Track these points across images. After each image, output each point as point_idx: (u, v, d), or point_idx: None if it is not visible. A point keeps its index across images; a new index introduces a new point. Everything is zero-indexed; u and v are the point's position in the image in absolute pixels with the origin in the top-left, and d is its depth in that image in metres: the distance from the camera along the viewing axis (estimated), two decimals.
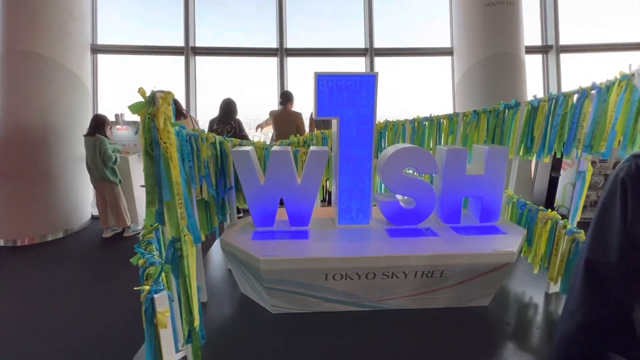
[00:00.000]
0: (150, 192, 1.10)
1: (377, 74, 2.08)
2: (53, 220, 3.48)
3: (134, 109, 1.01)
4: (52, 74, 3.54)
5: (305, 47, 5.11)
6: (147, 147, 1.06)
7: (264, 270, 1.84)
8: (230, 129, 3.61)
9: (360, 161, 2.23)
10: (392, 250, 1.93)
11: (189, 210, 1.15)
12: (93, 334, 1.97)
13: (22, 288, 2.53)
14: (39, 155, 3.40)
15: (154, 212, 1.11)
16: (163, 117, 1.03)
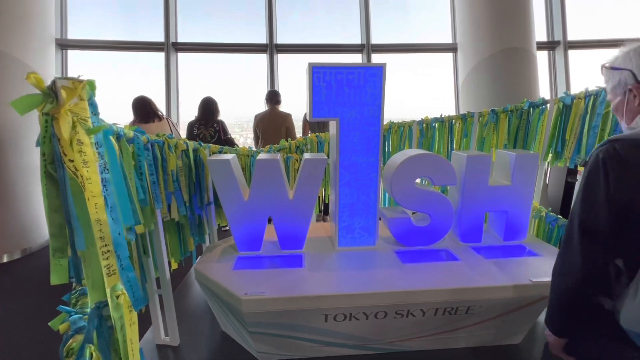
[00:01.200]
0: (56, 234, 0.71)
1: (384, 66, 1.71)
2: (9, 239, 3.02)
3: (21, 105, 0.62)
4: (7, 70, 3.09)
5: (297, 43, 4.74)
6: (48, 166, 0.67)
7: (246, 312, 1.45)
8: (213, 132, 3.21)
9: (364, 171, 1.85)
10: (407, 283, 1.55)
11: (124, 261, 0.76)
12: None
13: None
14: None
15: (65, 264, 0.72)
16: (69, 121, 0.64)
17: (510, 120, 2.21)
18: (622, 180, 0.73)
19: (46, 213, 0.70)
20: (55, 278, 0.72)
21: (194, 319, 2.05)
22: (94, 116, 0.74)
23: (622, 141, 0.76)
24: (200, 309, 2.15)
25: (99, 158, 0.74)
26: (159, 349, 1.78)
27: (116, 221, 0.79)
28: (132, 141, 1.34)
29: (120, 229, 0.81)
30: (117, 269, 0.75)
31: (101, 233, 0.71)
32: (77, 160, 0.65)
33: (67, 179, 0.65)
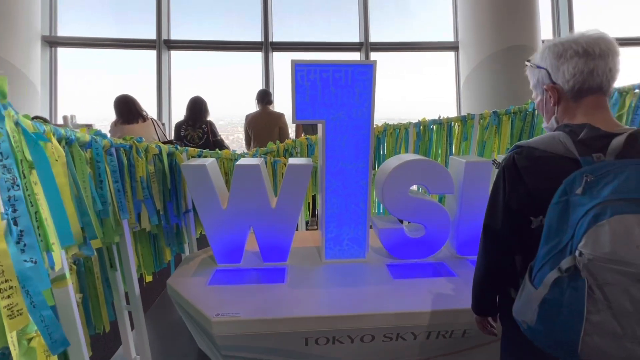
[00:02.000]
0: None
1: (374, 63, 1.56)
2: None
3: None
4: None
5: (293, 41, 4.59)
6: None
7: (217, 335, 1.31)
8: (201, 133, 3.07)
9: (352, 178, 1.70)
10: (397, 303, 1.41)
11: (34, 297, 0.62)
12: None
13: None
14: None
15: None
16: None
17: (514, 123, 2.06)
18: (515, 189, 0.80)
19: None
20: None
21: (170, 336, 1.92)
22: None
23: (523, 149, 0.80)
24: (178, 324, 2.01)
25: (1, 172, 0.61)
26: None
27: (30, 248, 0.65)
28: (89, 146, 1.20)
29: (37, 257, 0.67)
30: (24, 308, 0.61)
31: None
32: None
33: None
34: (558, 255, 0.66)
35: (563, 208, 0.67)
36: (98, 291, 1.37)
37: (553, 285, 0.65)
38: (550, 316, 0.66)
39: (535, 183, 0.77)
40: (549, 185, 0.71)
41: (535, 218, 0.78)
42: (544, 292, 0.66)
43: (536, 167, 0.77)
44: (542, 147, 0.78)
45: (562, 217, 0.67)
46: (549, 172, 0.75)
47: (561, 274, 0.63)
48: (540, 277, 0.69)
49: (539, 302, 0.67)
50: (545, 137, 0.79)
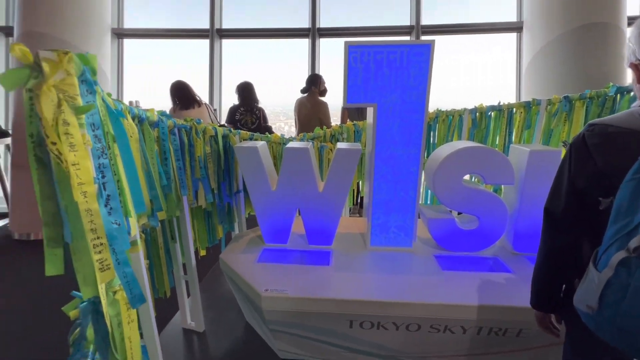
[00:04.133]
0: (49, 223, 0.66)
1: (432, 43, 1.48)
2: None
3: (7, 80, 0.56)
4: None
5: (340, 26, 4.51)
6: (36, 149, 0.61)
7: (266, 310, 1.37)
8: (255, 118, 3.16)
9: (403, 164, 1.65)
10: (447, 294, 1.35)
11: (120, 255, 0.70)
12: None
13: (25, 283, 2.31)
14: None
15: (59, 255, 0.67)
16: (53, 98, 0.57)
17: (589, 109, 1.83)
18: (583, 168, 0.76)
19: (38, 200, 0.65)
20: (50, 268, 0.67)
21: (220, 307, 2.05)
22: (90, 95, 0.67)
23: (595, 126, 0.76)
24: (227, 297, 2.14)
25: (94, 142, 0.67)
26: (185, 333, 1.80)
27: (115, 211, 0.73)
28: (156, 125, 1.30)
29: (119, 219, 0.74)
30: (111, 263, 0.68)
31: (92, 224, 0.64)
32: (62, 143, 0.58)
33: (52, 163, 0.58)
34: (627, 235, 0.60)
35: (636, 186, 0.61)
36: (161, 260, 1.50)
37: (619, 266, 0.60)
38: (615, 301, 0.61)
39: (606, 161, 0.72)
40: (623, 162, 0.66)
41: (605, 198, 0.72)
42: (609, 274, 0.61)
43: (608, 143, 0.73)
44: (617, 124, 0.73)
45: (634, 196, 0.61)
46: (623, 148, 0.70)
47: (629, 254, 0.58)
48: (605, 260, 0.63)
49: (603, 285, 0.62)
50: (623, 114, 0.75)
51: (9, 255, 2.85)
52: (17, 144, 3.18)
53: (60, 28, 3.24)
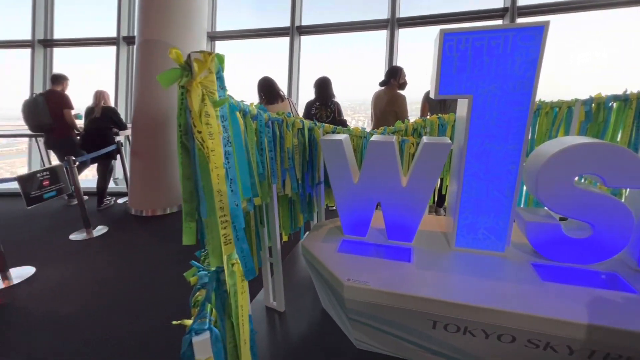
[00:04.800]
0: (187, 200, 0.78)
1: (546, 25, 1.31)
2: (171, 196, 3.86)
3: (164, 79, 0.67)
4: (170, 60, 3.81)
5: (422, 15, 4.29)
6: (182, 137, 0.73)
7: (348, 299, 1.41)
8: (329, 112, 3.24)
9: (499, 160, 1.51)
10: (551, 308, 1.21)
11: (239, 232, 0.79)
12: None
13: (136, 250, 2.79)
14: (162, 137, 3.77)
15: (194, 228, 0.79)
16: (199, 93, 0.66)
17: None
18: None
19: (180, 180, 0.77)
20: (186, 239, 0.80)
21: (298, 291, 2.17)
22: (221, 90, 0.77)
23: None
24: (304, 283, 2.25)
25: (222, 131, 0.77)
26: (267, 311, 1.95)
27: (235, 193, 0.82)
28: (255, 118, 1.41)
29: (238, 201, 0.84)
30: (232, 238, 0.78)
31: (221, 203, 0.74)
32: (204, 131, 0.67)
33: (196, 149, 0.68)
34: None
35: None
36: (252, 242, 1.65)
37: None
38: None
39: None
40: None
41: None
42: None
43: None
44: None
45: None
46: None
47: None
48: None
49: None
50: None
51: (126, 227, 3.44)
52: (136, 135, 3.80)
53: (168, 34, 3.74)
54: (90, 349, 1.70)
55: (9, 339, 1.78)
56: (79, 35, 5.48)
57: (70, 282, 2.34)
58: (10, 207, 4.13)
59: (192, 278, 0.98)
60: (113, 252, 2.83)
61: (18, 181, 2.49)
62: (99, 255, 2.77)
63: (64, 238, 3.12)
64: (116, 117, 3.95)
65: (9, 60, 5.78)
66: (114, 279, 2.36)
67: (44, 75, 5.50)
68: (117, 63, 5.23)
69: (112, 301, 2.10)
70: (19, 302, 2.12)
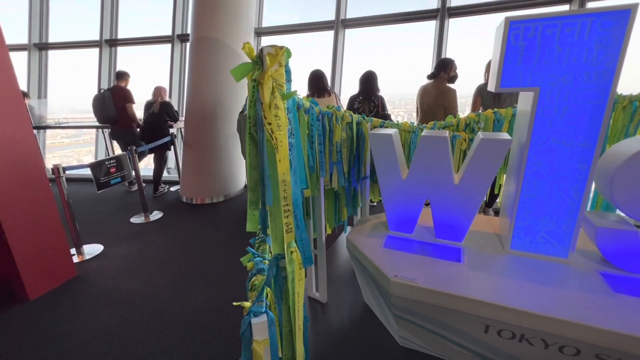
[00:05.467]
0: (253, 189, 0.82)
1: (635, 7, 1.17)
2: (218, 186, 4.07)
3: (237, 73, 0.71)
4: (225, 57, 3.99)
5: (475, 3, 4.03)
6: (251, 128, 0.76)
7: (394, 295, 1.39)
8: (372, 107, 3.19)
9: (567, 158, 1.39)
10: (625, 322, 1.10)
11: (299, 221, 0.81)
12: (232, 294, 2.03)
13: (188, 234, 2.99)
14: (211, 129, 3.97)
15: (257, 215, 0.83)
16: (270, 86, 0.69)
17: None
18: None
19: (247, 169, 0.81)
20: (250, 226, 0.84)
21: (340, 284, 2.19)
22: (288, 83, 0.79)
23: None
24: (345, 276, 2.27)
25: (288, 123, 0.79)
26: (310, 301, 1.99)
27: (297, 183, 0.85)
28: (307, 112, 1.44)
29: (298, 191, 0.86)
30: (293, 227, 0.80)
31: (285, 193, 0.76)
32: (274, 123, 0.70)
33: (265, 140, 0.71)
34: None
35: None
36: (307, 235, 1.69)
37: None
38: None
39: None
40: None
41: None
42: None
43: None
44: None
45: None
46: None
47: None
48: None
49: None
50: None
51: (179, 213, 3.69)
52: (188, 127, 4.04)
53: (218, 31, 3.91)
54: (150, 323, 1.86)
55: (79, 308, 2.01)
56: (139, 34, 5.93)
57: (133, 260, 2.58)
58: (81, 190, 4.63)
59: (248, 263, 1.03)
60: (168, 235, 3.07)
61: (90, 168, 2.77)
62: (157, 237, 3.02)
63: (126, 221, 3.44)
64: (170, 111, 4.23)
65: (78, 59, 6.43)
66: (171, 260, 2.56)
67: (109, 72, 6.03)
68: (172, 60, 5.58)
69: (172, 280, 2.28)
70: (90, 276, 2.38)
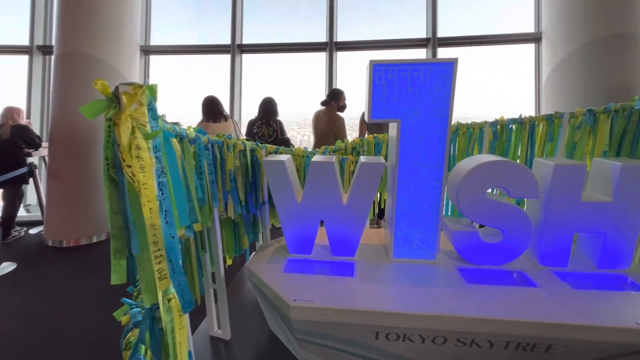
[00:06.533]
0: (116, 235, 0.73)
1: (455, 61, 1.53)
2: (98, 222, 3.48)
3: (89, 110, 0.64)
4: (102, 75, 3.53)
5: (357, 40, 4.61)
6: (110, 170, 0.69)
7: (294, 319, 1.41)
8: (272, 131, 3.27)
9: (426, 177, 1.69)
10: (474, 307, 1.36)
11: (175, 265, 0.76)
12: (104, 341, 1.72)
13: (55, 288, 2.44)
14: (87, 158, 3.41)
15: (124, 265, 0.74)
16: (129, 126, 0.64)
17: (614, 122, 1.83)
18: None
19: (108, 215, 0.73)
20: (115, 278, 0.74)
21: (244, 316, 2.10)
22: (153, 121, 0.75)
23: None
24: (250, 306, 2.19)
25: (156, 162, 0.75)
26: (212, 341, 1.85)
27: (170, 225, 0.80)
28: (193, 142, 1.39)
29: (174, 232, 0.81)
30: (168, 273, 0.75)
31: (155, 237, 0.71)
32: (135, 165, 0.65)
33: (126, 184, 0.66)
34: None
35: None
36: (193, 269, 1.58)
37: None
38: None
39: None
40: None
41: None
42: None
43: None
44: None
45: None
46: None
47: None
48: None
49: None
50: None
51: (41, 261, 3.00)
52: (53, 155, 3.37)
53: (95, 47, 3.46)
54: None
55: None
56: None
57: None
58: None
59: (123, 317, 0.91)
60: (25, 292, 2.44)
61: None
62: (4, 299, 2.36)
63: None
64: (28, 136, 3.48)
65: None
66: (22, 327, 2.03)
67: None
68: (30, 74, 4.64)
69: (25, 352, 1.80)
70: None
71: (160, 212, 0.73)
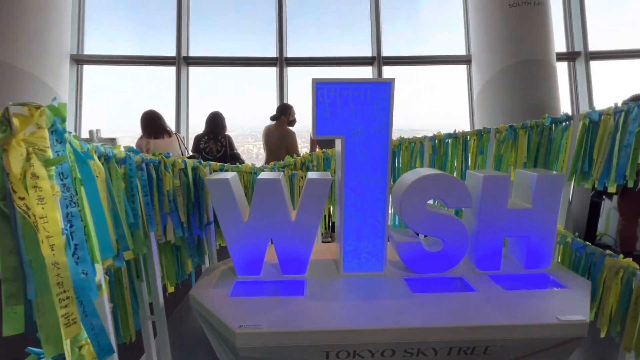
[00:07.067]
0: (9, 279, 0.62)
1: (393, 81, 1.61)
2: None
3: None
4: (24, 86, 3.15)
5: (307, 56, 4.71)
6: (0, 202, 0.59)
7: (240, 347, 1.34)
8: (220, 146, 3.16)
9: (371, 192, 1.73)
10: (417, 318, 1.41)
11: (87, 307, 0.67)
12: None
13: None
14: None
15: (20, 312, 0.63)
16: (22, 152, 0.56)
17: (530, 137, 2.06)
18: None
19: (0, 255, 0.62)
20: (9, 328, 0.63)
21: (190, 346, 1.95)
22: (59, 144, 0.67)
23: None
24: (197, 335, 2.04)
25: (62, 191, 0.66)
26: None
27: (82, 260, 0.71)
28: (123, 162, 1.27)
29: (88, 269, 0.72)
30: (78, 317, 0.66)
31: (59, 278, 0.62)
32: (30, 197, 0.57)
33: (18, 218, 0.57)
34: None
35: None
36: (126, 301, 1.43)
37: None
38: None
39: None
40: None
41: None
42: None
43: None
44: None
45: None
46: None
47: None
48: None
49: None
50: None
51: None
52: None
53: (17, 56, 3.09)
54: None
55: None
56: None
57: None
58: None
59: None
60: None
61: None
62: None
63: None
64: None
65: None
66: None
67: None
68: None
69: None
70: None
71: (67, 248, 0.64)
